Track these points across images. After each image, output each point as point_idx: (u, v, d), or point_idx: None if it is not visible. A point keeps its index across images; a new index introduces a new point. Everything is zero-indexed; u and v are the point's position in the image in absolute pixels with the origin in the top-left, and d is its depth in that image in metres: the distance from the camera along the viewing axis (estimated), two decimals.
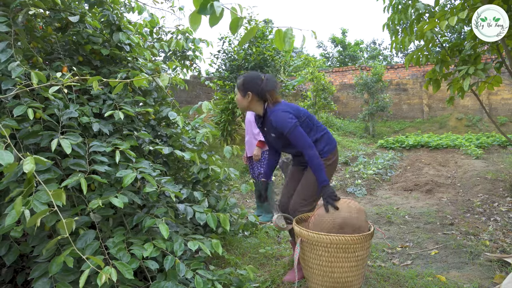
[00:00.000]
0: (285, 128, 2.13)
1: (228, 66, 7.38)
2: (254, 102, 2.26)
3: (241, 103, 2.28)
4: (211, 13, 1.33)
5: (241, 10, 1.39)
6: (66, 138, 1.75)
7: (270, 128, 2.26)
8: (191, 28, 1.34)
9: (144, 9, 3.09)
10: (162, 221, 1.90)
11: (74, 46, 2.49)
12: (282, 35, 1.39)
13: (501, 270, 2.45)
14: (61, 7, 2.36)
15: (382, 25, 3.56)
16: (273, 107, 2.21)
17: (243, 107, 2.30)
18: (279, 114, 2.15)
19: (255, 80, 2.22)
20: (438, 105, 12.35)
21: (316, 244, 2.00)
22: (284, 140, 2.25)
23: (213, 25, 1.34)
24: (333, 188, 2.08)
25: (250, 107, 2.28)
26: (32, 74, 1.71)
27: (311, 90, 8.54)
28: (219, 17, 1.33)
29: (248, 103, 2.25)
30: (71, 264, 1.50)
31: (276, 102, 2.24)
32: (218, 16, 1.33)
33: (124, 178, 1.82)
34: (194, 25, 1.39)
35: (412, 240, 3.20)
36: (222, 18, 1.36)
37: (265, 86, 2.20)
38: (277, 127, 2.16)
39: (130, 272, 1.64)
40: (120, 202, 1.73)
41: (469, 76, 2.81)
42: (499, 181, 5.23)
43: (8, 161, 1.40)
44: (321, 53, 21.51)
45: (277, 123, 2.15)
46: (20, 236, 1.59)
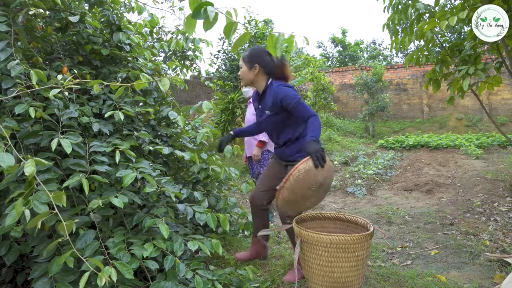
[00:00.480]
0: (291, 101, 2.06)
1: (228, 66, 7.38)
2: (260, 75, 2.18)
3: (246, 76, 2.19)
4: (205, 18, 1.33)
5: (236, 15, 1.39)
6: (66, 138, 1.75)
7: (268, 104, 2.17)
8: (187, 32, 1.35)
9: (144, 9, 3.09)
10: (162, 221, 1.90)
11: (74, 46, 2.49)
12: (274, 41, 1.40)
13: (501, 270, 2.45)
14: (61, 7, 2.36)
15: (382, 25, 3.56)
16: (275, 82, 2.16)
17: (248, 80, 2.21)
18: (284, 88, 2.11)
19: (262, 53, 2.16)
20: (438, 105, 12.35)
21: (316, 244, 2.00)
22: (278, 119, 2.16)
23: (207, 29, 1.34)
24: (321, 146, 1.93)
25: (255, 81, 2.20)
26: (31, 73, 1.71)
27: (311, 90, 8.54)
28: (212, 21, 1.33)
29: (254, 76, 2.18)
30: (71, 264, 1.51)
31: (288, 77, 2.19)
32: (211, 21, 1.33)
33: (124, 178, 1.82)
34: (189, 29, 1.40)
35: (412, 240, 3.20)
36: (218, 21, 1.37)
37: (276, 59, 2.15)
38: (282, 100, 2.09)
39: (130, 272, 1.64)
40: (120, 202, 1.73)
41: (469, 76, 2.81)
42: (499, 181, 5.23)
43: (9, 163, 1.40)
44: (321, 53, 21.51)
45: (283, 97, 2.08)
46: (20, 236, 1.59)
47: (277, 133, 2.25)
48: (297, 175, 1.82)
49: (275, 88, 2.13)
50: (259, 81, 2.21)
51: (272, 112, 2.16)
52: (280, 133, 2.23)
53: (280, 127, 2.21)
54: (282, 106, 2.11)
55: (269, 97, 2.16)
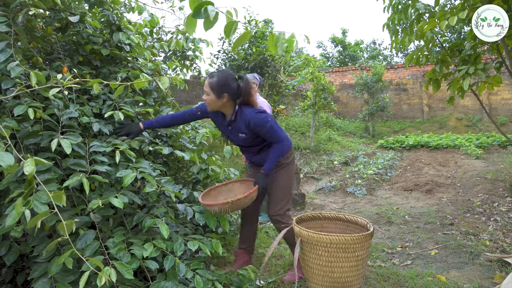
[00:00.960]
0: (264, 127, 2.14)
1: (228, 66, 7.38)
2: (227, 103, 2.15)
3: (214, 104, 2.14)
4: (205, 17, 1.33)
5: (236, 14, 1.39)
6: (66, 138, 1.75)
7: (241, 128, 2.20)
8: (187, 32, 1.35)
9: (144, 9, 3.09)
10: (162, 221, 1.90)
11: (74, 46, 2.49)
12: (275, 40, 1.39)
13: (501, 270, 2.45)
14: (61, 7, 2.36)
15: (382, 25, 3.55)
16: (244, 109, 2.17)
17: (214, 107, 2.18)
18: (256, 115, 2.14)
19: (231, 82, 2.12)
20: (438, 105, 12.35)
21: (316, 244, 2.00)
22: (253, 139, 2.23)
23: (207, 29, 1.34)
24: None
25: (222, 108, 2.19)
26: (31, 74, 1.71)
27: (311, 90, 8.53)
28: (213, 21, 1.33)
29: (221, 104, 2.15)
30: (70, 265, 1.50)
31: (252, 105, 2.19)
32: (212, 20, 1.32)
33: (124, 178, 1.82)
34: (190, 29, 1.40)
35: (412, 240, 3.20)
36: (218, 21, 1.36)
37: (245, 87, 2.13)
38: (255, 127, 2.14)
39: (130, 272, 1.64)
40: (120, 203, 1.73)
41: (469, 76, 2.80)
42: (499, 181, 5.23)
43: (8, 163, 1.40)
44: (321, 53, 21.50)
45: (255, 124, 2.13)
46: (20, 236, 1.59)
47: (253, 146, 2.32)
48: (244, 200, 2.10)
49: (247, 115, 2.14)
50: (227, 107, 2.19)
51: (248, 135, 2.21)
52: (256, 145, 2.31)
53: (256, 142, 2.28)
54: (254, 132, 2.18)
55: (241, 122, 2.19)
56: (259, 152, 2.32)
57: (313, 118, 8.78)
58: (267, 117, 2.16)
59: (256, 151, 2.33)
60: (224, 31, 1.37)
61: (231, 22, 1.36)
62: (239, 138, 2.25)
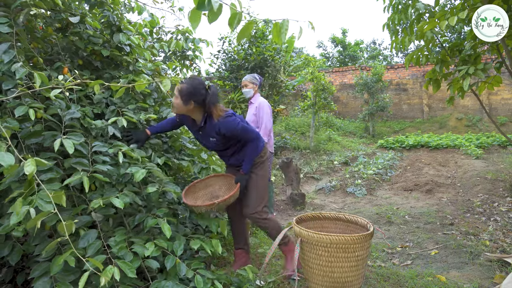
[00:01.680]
0: (236, 130, 2.22)
1: (228, 66, 7.38)
2: (195, 110, 2.21)
3: (180, 108, 2.19)
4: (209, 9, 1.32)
5: (240, 6, 1.39)
6: (69, 138, 1.75)
7: (210, 134, 2.27)
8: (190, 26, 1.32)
9: (144, 9, 3.09)
10: (164, 221, 1.90)
11: (74, 47, 2.49)
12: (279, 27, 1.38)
13: (501, 270, 2.46)
14: (61, 8, 2.36)
15: (382, 25, 3.56)
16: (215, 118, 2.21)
17: (181, 111, 2.23)
18: (224, 120, 2.19)
19: (199, 90, 2.15)
20: (438, 105, 12.34)
21: (316, 244, 2.00)
22: (224, 143, 2.30)
23: (212, 21, 1.33)
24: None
25: (189, 113, 2.24)
26: (35, 75, 1.71)
27: (311, 90, 8.52)
28: (217, 12, 1.32)
29: (187, 110, 2.20)
30: (73, 264, 1.51)
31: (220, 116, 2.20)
32: (216, 12, 1.32)
33: (135, 174, 1.85)
34: (193, 23, 1.38)
35: (412, 240, 3.20)
36: (221, 15, 1.35)
37: (211, 98, 2.16)
38: (227, 132, 2.21)
39: (133, 270, 1.65)
40: (121, 203, 1.73)
41: (469, 76, 2.80)
42: (499, 181, 5.23)
43: (9, 162, 1.41)
44: (321, 53, 21.50)
45: (227, 129, 2.21)
46: (22, 235, 1.59)
47: (225, 149, 2.38)
48: (228, 199, 2.20)
49: (216, 123, 2.20)
50: (194, 112, 2.24)
51: (219, 140, 2.28)
52: (228, 148, 2.38)
53: (228, 146, 2.36)
54: (226, 137, 2.26)
55: (211, 128, 2.24)
56: (233, 155, 2.40)
57: (313, 118, 8.78)
58: (235, 119, 2.23)
59: (230, 154, 2.41)
60: (229, 23, 1.37)
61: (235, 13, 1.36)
62: (211, 142, 2.31)
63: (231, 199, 2.22)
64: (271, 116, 3.90)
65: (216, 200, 2.15)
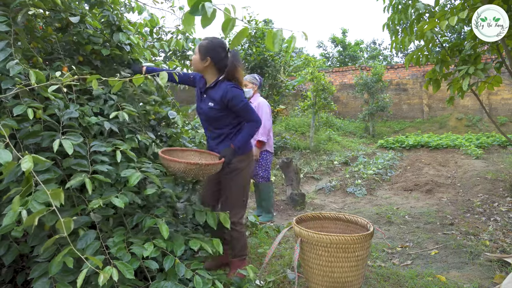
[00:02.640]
0: (239, 102, 2.15)
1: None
2: (210, 68, 2.21)
3: (196, 65, 2.21)
4: (203, 14, 1.32)
5: (234, 11, 1.38)
6: (68, 139, 1.75)
7: (215, 97, 2.19)
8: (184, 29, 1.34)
9: (144, 9, 3.09)
10: (162, 221, 1.90)
11: (75, 46, 2.49)
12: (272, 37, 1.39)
13: (501, 270, 2.45)
14: (61, 8, 2.36)
15: (382, 25, 3.55)
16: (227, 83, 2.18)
17: (197, 69, 2.24)
18: (235, 90, 2.16)
19: (218, 49, 2.18)
20: (438, 105, 12.34)
21: (316, 244, 2.00)
22: (218, 114, 2.20)
23: (205, 26, 1.33)
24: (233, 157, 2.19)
25: (204, 71, 2.24)
26: (30, 73, 1.70)
27: (311, 90, 8.52)
28: (210, 18, 1.32)
29: (203, 67, 2.20)
30: (71, 265, 1.50)
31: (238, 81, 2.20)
32: (209, 17, 1.32)
33: (130, 178, 1.82)
34: (187, 26, 1.40)
35: (412, 240, 3.20)
36: (216, 19, 1.35)
37: (229, 60, 2.17)
38: (231, 100, 2.14)
39: (131, 272, 1.64)
40: (121, 202, 1.73)
41: (469, 76, 2.80)
42: (499, 181, 5.23)
43: (6, 159, 1.40)
44: (321, 53, 21.50)
45: (232, 97, 2.14)
46: (21, 236, 1.59)
47: (213, 126, 2.29)
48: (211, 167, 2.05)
49: (226, 87, 2.16)
50: (208, 73, 2.23)
51: (216, 106, 2.19)
52: (216, 128, 2.28)
53: (217, 122, 2.25)
54: (228, 105, 2.17)
55: (218, 91, 2.19)
56: (222, 141, 2.28)
57: (313, 118, 8.78)
58: (243, 95, 2.20)
59: (216, 135, 2.29)
60: (222, 28, 1.37)
61: (228, 19, 1.35)
62: (207, 106, 2.22)
63: (212, 170, 2.06)
64: (270, 116, 3.90)
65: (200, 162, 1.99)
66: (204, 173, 2.06)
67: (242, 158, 2.28)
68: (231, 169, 2.25)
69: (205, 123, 2.33)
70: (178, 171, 1.99)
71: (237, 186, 2.29)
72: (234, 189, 2.29)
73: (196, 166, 1.96)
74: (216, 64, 2.19)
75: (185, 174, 2.01)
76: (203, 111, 2.26)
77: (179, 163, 1.96)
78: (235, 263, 2.36)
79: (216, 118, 2.23)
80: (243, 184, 2.32)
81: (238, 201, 2.31)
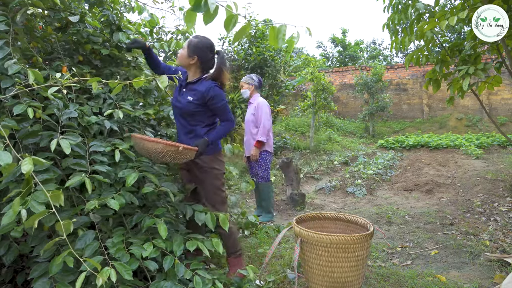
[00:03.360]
0: (220, 101, 2.21)
1: (228, 66, 7.38)
2: (194, 66, 2.24)
3: (183, 60, 2.24)
4: (205, 11, 1.31)
5: (236, 8, 1.38)
6: (66, 138, 1.75)
7: (193, 92, 2.22)
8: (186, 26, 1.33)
9: (144, 9, 3.08)
10: (161, 221, 1.90)
11: (74, 46, 2.49)
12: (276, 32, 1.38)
13: (501, 270, 2.45)
14: (61, 7, 2.36)
15: (382, 25, 3.55)
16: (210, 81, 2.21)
17: (182, 63, 2.26)
18: (217, 89, 2.21)
19: (207, 50, 2.22)
20: (438, 105, 12.34)
21: (316, 244, 2.00)
22: (194, 109, 2.21)
23: (207, 23, 1.33)
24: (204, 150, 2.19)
25: (188, 68, 2.26)
26: (28, 73, 1.70)
27: (311, 90, 8.52)
28: (213, 14, 1.32)
29: (189, 63, 2.23)
30: (72, 264, 1.50)
31: (221, 83, 2.25)
32: (212, 14, 1.31)
33: (127, 178, 1.82)
34: (189, 23, 1.39)
35: (412, 240, 3.20)
36: (218, 16, 1.35)
37: (217, 62, 2.23)
38: (212, 98, 2.18)
39: (129, 272, 1.64)
40: (116, 204, 1.72)
41: (469, 76, 2.80)
42: (499, 181, 5.23)
43: (6, 161, 1.40)
44: (321, 53, 21.50)
45: (214, 95, 2.18)
46: (20, 236, 1.59)
47: (187, 121, 2.28)
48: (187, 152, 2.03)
49: (210, 85, 2.20)
50: (192, 70, 2.27)
51: (195, 101, 2.21)
52: (190, 123, 2.28)
53: (191, 117, 2.25)
54: (207, 103, 2.21)
55: (200, 87, 2.22)
56: (191, 132, 2.27)
57: (313, 118, 8.78)
58: (224, 96, 2.26)
59: (188, 130, 2.29)
60: (224, 25, 1.36)
61: (231, 15, 1.35)
62: (186, 100, 2.22)
63: (188, 154, 2.05)
64: (270, 116, 3.90)
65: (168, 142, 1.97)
66: (180, 158, 2.05)
67: (211, 158, 2.30)
68: (202, 170, 2.27)
69: (179, 117, 2.32)
70: (155, 152, 1.95)
71: (212, 186, 2.30)
72: (209, 189, 2.30)
73: (174, 148, 1.97)
74: (201, 64, 2.24)
75: (162, 156, 1.98)
76: (181, 104, 2.26)
77: (157, 144, 1.93)
78: (232, 262, 2.36)
79: (192, 113, 2.24)
80: (217, 184, 2.32)
81: (217, 200, 2.32)
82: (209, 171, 2.29)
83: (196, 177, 2.32)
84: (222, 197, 2.35)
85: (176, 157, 2.02)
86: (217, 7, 1.32)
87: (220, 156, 2.38)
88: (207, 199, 2.31)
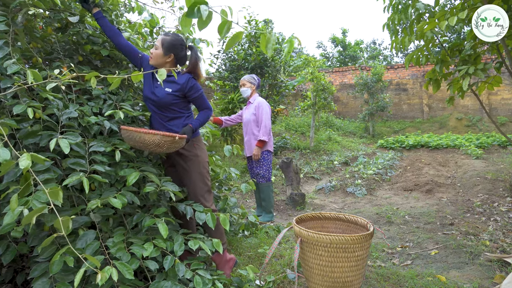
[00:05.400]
0: (197, 92, 2.29)
1: (228, 66, 7.38)
2: (170, 63, 2.28)
3: (158, 59, 2.24)
4: (198, 17, 1.33)
5: (231, 13, 1.39)
6: (65, 138, 1.75)
7: (172, 84, 2.25)
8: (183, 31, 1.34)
9: (144, 9, 3.09)
10: (162, 220, 1.90)
11: (74, 46, 2.48)
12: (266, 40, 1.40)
13: (501, 270, 2.45)
14: (60, 8, 2.36)
15: (382, 25, 3.55)
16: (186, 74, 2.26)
17: (157, 63, 2.26)
18: (193, 80, 2.28)
19: (181, 47, 2.27)
20: (438, 105, 12.34)
21: (316, 244, 2.00)
22: (173, 98, 2.23)
23: (201, 29, 1.35)
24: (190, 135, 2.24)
25: (162, 66, 2.26)
26: (27, 73, 1.70)
27: (311, 90, 8.52)
28: (206, 21, 1.34)
29: (164, 62, 2.25)
30: (72, 264, 1.50)
31: (197, 75, 2.31)
32: (205, 20, 1.33)
33: (128, 177, 1.83)
34: (184, 28, 1.42)
35: (412, 240, 3.20)
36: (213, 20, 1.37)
37: (192, 56, 2.28)
38: (190, 89, 2.25)
39: (131, 272, 1.64)
40: (119, 203, 1.72)
41: (469, 76, 2.80)
42: (499, 181, 5.23)
43: (4, 157, 1.39)
44: (321, 53, 21.50)
45: (192, 87, 2.25)
46: (21, 236, 1.59)
47: (163, 113, 2.29)
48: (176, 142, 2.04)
49: (188, 77, 2.26)
50: (167, 67, 2.28)
51: (175, 92, 2.25)
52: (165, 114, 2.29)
53: (168, 108, 2.28)
54: (186, 94, 2.27)
55: (179, 80, 2.26)
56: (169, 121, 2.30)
57: (313, 118, 8.78)
58: (200, 86, 2.32)
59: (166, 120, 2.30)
60: (218, 30, 1.37)
61: (224, 21, 1.36)
62: (164, 92, 2.24)
63: (181, 142, 2.08)
64: (270, 116, 3.91)
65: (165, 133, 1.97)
66: (175, 147, 2.09)
67: (193, 145, 2.35)
68: (187, 159, 2.32)
69: (155, 109, 2.31)
70: (152, 144, 1.96)
71: (199, 175, 2.33)
72: (197, 178, 2.32)
73: (171, 138, 1.99)
74: (177, 61, 2.29)
75: (158, 147, 1.99)
76: (157, 97, 2.25)
77: (155, 135, 1.95)
78: (217, 256, 2.34)
79: (169, 104, 2.26)
80: (203, 172, 2.36)
81: (202, 189, 2.33)
82: (194, 159, 2.33)
83: (183, 169, 2.34)
84: (208, 187, 2.39)
85: (172, 146, 2.06)
86: (210, 13, 1.34)
87: (200, 142, 2.43)
88: (194, 189, 2.32)
